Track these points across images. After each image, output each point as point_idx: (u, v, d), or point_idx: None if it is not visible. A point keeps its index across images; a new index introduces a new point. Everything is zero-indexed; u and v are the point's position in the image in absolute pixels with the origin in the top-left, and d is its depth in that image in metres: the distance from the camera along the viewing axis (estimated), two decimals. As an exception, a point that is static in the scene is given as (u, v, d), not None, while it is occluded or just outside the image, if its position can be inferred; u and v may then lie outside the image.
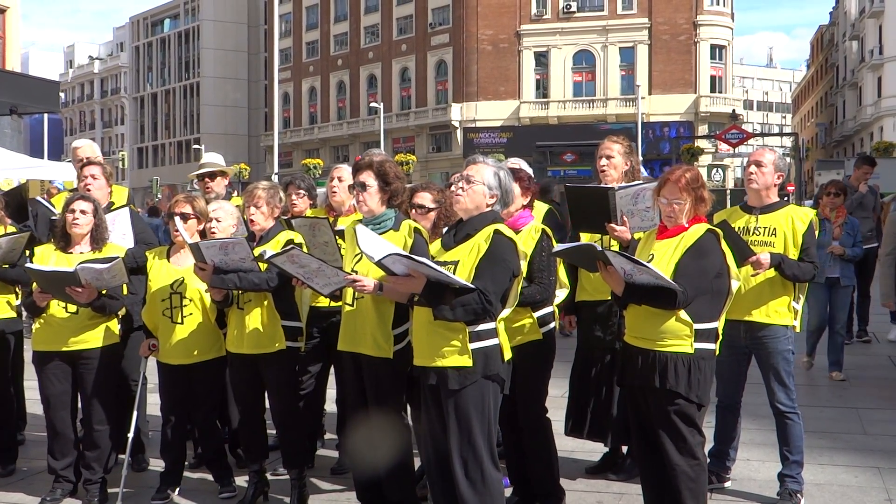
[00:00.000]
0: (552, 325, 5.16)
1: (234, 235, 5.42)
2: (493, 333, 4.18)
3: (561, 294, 5.24)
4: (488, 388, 4.17)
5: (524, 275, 4.88)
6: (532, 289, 4.90)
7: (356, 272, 4.53)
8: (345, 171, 6.00)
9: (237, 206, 5.86)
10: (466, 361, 4.11)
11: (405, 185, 4.99)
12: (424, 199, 5.37)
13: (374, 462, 4.77)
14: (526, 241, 4.95)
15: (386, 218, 4.78)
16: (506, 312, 4.25)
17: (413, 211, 5.28)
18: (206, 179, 6.68)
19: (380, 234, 4.66)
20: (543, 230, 5.04)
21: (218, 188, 6.65)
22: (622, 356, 4.52)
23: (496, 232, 4.16)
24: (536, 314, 5.03)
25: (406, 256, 4.04)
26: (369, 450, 4.79)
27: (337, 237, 5.57)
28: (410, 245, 4.64)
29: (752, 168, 5.29)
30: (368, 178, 4.76)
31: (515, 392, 4.92)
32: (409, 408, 5.02)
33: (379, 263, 4.10)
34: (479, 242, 4.17)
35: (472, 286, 4.04)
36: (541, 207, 5.70)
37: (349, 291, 4.78)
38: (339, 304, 5.11)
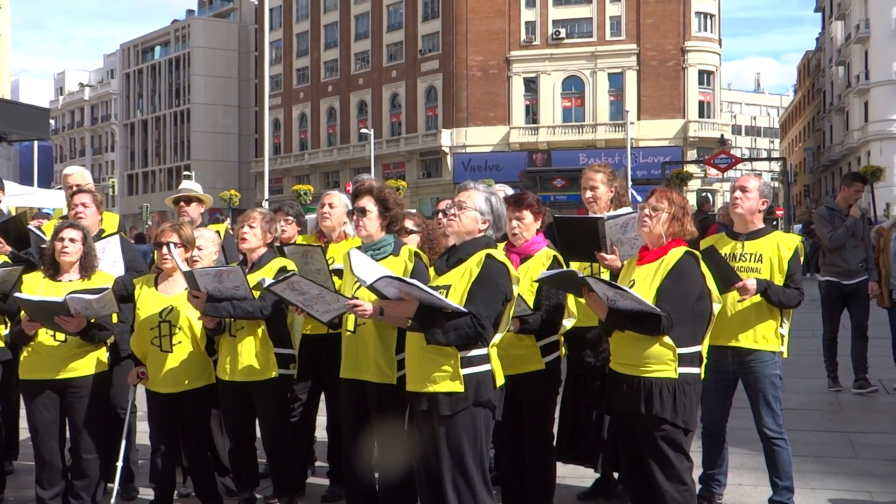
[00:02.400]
0: (557, 354, 5.16)
1: (219, 263, 5.43)
2: (486, 359, 4.18)
3: (568, 323, 5.24)
4: (480, 414, 4.16)
5: (532, 302, 4.90)
6: (538, 317, 4.89)
7: (357, 298, 4.53)
8: (335, 197, 6.02)
9: (218, 231, 5.89)
10: (458, 387, 4.11)
11: (404, 212, 5.03)
12: (406, 222, 5.44)
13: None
14: (537, 268, 4.96)
15: (385, 243, 4.80)
16: (498, 337, 4.25)
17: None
18: (182, 204, 6.72)
19: (379, 259, 4.70)
20: (555, 256, 5.05)
21: (193, 213, 6.69)
22: (609, 383, 4.52)
23: (488, 256, 4.18)
24: (541, 343, 5.03)
25: (398, 279, 4.05)
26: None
27: (329, 265, 5.58)
28: (411, 269, 4.66)
29: (738, 193, 5.33)
30: (368, 203, 4.78)
31: (522, 418, 4.93)
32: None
33: (371, 287, 4.12)
34: (472, 267, 4.18)
35: (465, 310, 4.04)
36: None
37: (350, 318, 4.79)
38: (334, 331, 5.12)
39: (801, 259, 5.33)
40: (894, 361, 9.40)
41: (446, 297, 4.14)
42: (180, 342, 5.34)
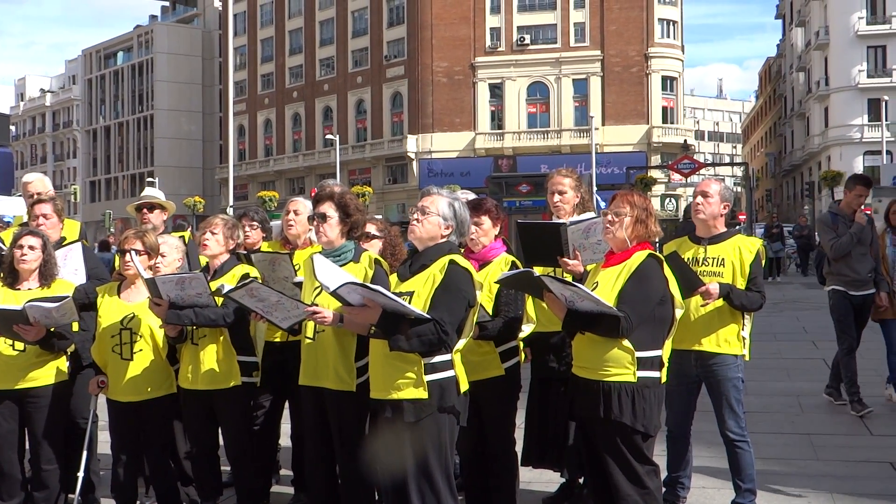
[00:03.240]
0: (516, 359, 5.17)
1: (183, 270, 5.39)
2: (449, 365, 4.17)
3: (527, 328, 5.26)
4: (444, 420, 4.15)
5: (491, 308, 4.91)
6: (497, 322, 4.91)
7: (316, 304, 4.52)
8: (300, 204, 6.00)
9: (182, 236, 5.85)
10: (422, 394, 4.10)
11: (365, 218, 5.02)
12: (369, 227, 5.46)
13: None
14: (495, 273, 4.96)
15: (346, 249, 4.79)
16: (461, 343, 4.25)
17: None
18: (144, 211, 6.67)
19: (340, 265, 4.68)
20: (514, 262, 5.06)
21: (155, 220, 6.64)
22: (571, 387, 4.54)
23: (451, 262, 4.18)
24: (500, 348, 5.04)
25: (361, 286, 4.04)
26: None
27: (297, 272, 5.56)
28: (371, 276, 4.64)
29: (699, 199, 5.38)
30: (329, 209, 4.77)
31: (483, 425, 4.93)
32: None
33: (334, 293, 4.10)
34: (434, 273, 4.18)
35: (428, 316, 4.04)
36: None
37: (310, 325, 4.77)
38: (294, 337, 5.09)
39: (763, 262, 5.39)
40: (889, 375, 8.83)
41: (409, 303, 4.14)
42: (142, 350, 5.29)
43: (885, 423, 7.99)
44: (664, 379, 4.31)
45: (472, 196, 5.85)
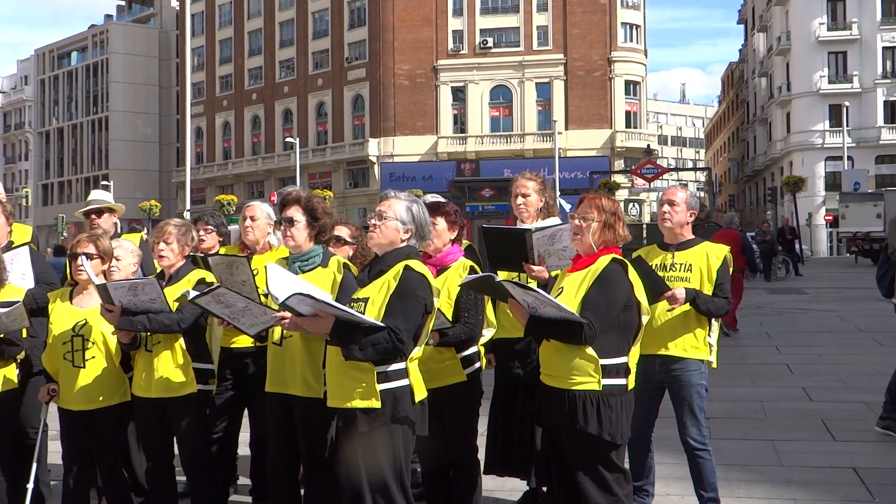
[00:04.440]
0: (477, 365, 5.17)
1: (138, 275, 5.32)
2: (403, 374, 4.14)
3: (488, 333, 5.24)
4: (398, 431, 4.12)
5: (451, 314, 4.90)
6: (458, 329, 4.90)
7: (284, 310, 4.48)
8: (257, 209, 5.96)
9: (141, 237, 5.79)
10: (375, 403, 4.07)
11: (333, 222, 5.00)
12: (342, 231, 5.43)
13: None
14: (454, 279, 4.96)
15: (314, 254, 4.78)
16: (417, 351, 4.22)
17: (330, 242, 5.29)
18: (93, 216, 6.58)
19: (307, 270, 4.70)
20: (472, 267, 5.06)
21: (105, 225, 6.56)
22: (538, 395, 4.52)
23: (406, 268, 4.15)
24: (461, 354, 5.03)
25: (309, 296, 3.99)
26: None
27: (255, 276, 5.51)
28: (340, 281, 4.65)
29: (666, 207, 5.43)
30: (296, 213, 4.76)
31: (445, 433, 4.91)
32: None
33: (283, 305, 4.06)
34: (389, 279, 4.15)
35: (382, 325, 4.01)
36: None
37: (277, 330, 4.75)
38: (261, 344, 5.06)
39: (730, 269, 5.44)
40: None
41: (364, 310, 4.12)
42: (94, 357, 5.20)
43: (848, 427, 8.08)
44: (631, 385, 4.30)
45: (441, 200, 5.84)
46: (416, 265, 4.19)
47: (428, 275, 4.21)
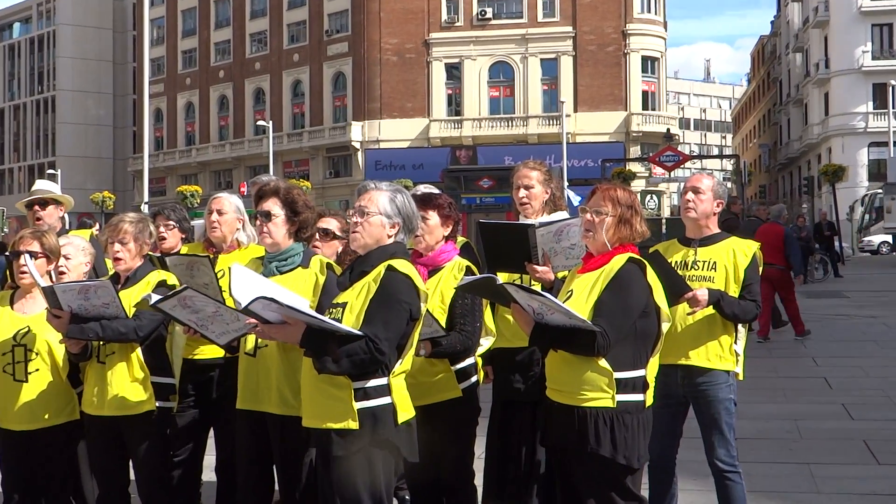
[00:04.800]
0: (474, 379, 5.18)
1: (89, 276, 5.31)
2: (385, 391, 4.12)
3: (486, 343, 5.24)
4: (378, 456, 4.10)
5: (445, 321, 4.89)
6: (453, 338, 4.89)
7: None
8: (225, 201, 5.95)
9: (91, 234, 5.78)
10: (351, 424, 4.06)
11: (315, 216, 5.00)
12: (330, 223, 5.44)
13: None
14: (448, 281, 4.97)
15: (293, 253, 4.80)
16: (402, 364, 4.20)
17: (316, 236, 5.29)
18: (37, 208, 6.57)
19: (286, 271, 4.73)
20: (468, 268, 5.06)
21: (50, 219, 6.55)
22: (544, 412, 4.52)
23: (388, 268, 4.14)
24: (455, 367, 5.03)
25: (273, 301, 3.97)
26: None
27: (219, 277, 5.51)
28: (322, 283, 4.68)
29: (689, 195, 5.42)
30: (274, 206, 4.78)
31: (437, 456, 4.91)
32: None
33: (246, 310, 4.06)
34: (369, 282, 4.15)
35: (360, 333, 4.01)
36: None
37: (250, 339, 4.75)
38: (232, 355, 5.06)
39: (759, 268, 5.44)
40: None
41: (342, 316, 4.11)
42: (38, 370, 5.19)
43: (893, 450, 8.09)
44: (650, 402, 4.30)
45: (435, 191, 5.84)
46: (401, 265, 4.17)
47: (414, 275, 4.20)
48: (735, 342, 5.38)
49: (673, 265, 5.27)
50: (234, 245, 5.95)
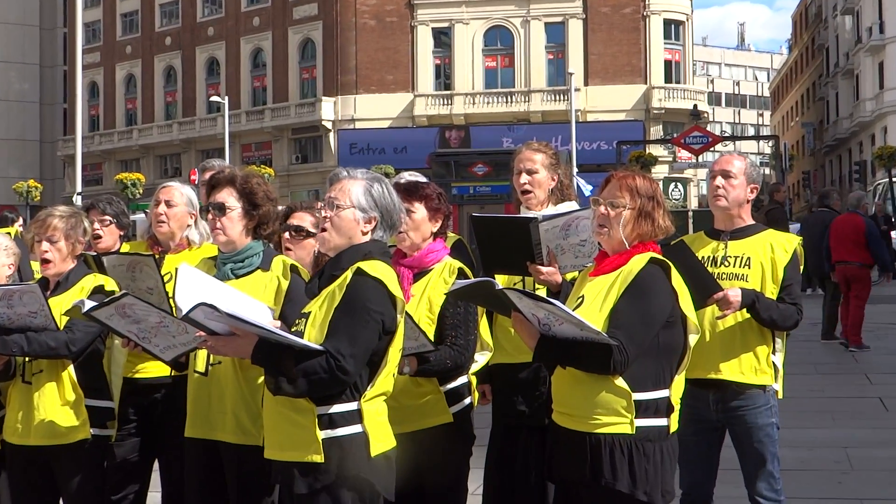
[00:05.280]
0: (468, 401, 5.18)
1: (13, 280, 5.30)
2: (354, 417, 4.11)
3: (482, 359, 5.24)
4: (345, 496, 4.09)
5: (433, 333, 4.88)
6: (442, 353, 4.89)
7: None
8: (175, 191, 5.97)
9: (15, 231, 5.77)
10: (315, 457, 4.06)
11: (277, 209, 4.99)
12: (303, 220, 5.43)
13: None
14: (436, 285, 4.97)
15: (252, 253, 4.80)
16: (376, 386, 4.18)
17: (286, 235, 5.29)
18: None
19: (243, 274, 4.73)
20: (461, 270, 5.06)
21: None
22: (550, 439, 4.53)
23: (357, 271, 4.12)
24: (446, 387, 5.03)
25: (213, 307, 3.96)
26: None
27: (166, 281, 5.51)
28: (286, 289, 4.67)
29: (719, 180, 5.42)
30: (229, 198, 4.78)
31: (425, 488, 4.91)
32: None
33: (186, 319, 4.05)
34: (335, 288, 4.15)
35: (320, 348, 4.00)
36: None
37: (201, 355, 4.74)
38: (179, 373, 5.06)
39: (801, 266, 5.44)
40: None
41: (304, 329, 4.11)
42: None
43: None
44: (674, 427, 4.31)
45: (421, 179, 5.84)
46: (372, 267, 4.15)
47: (387, 279, 4.17)
48: (773, 353, 5.39)
49: (698, 258, 5.26)
50: (184, 244, 5.95)
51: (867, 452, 9.22)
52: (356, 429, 4.12)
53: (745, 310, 5.24)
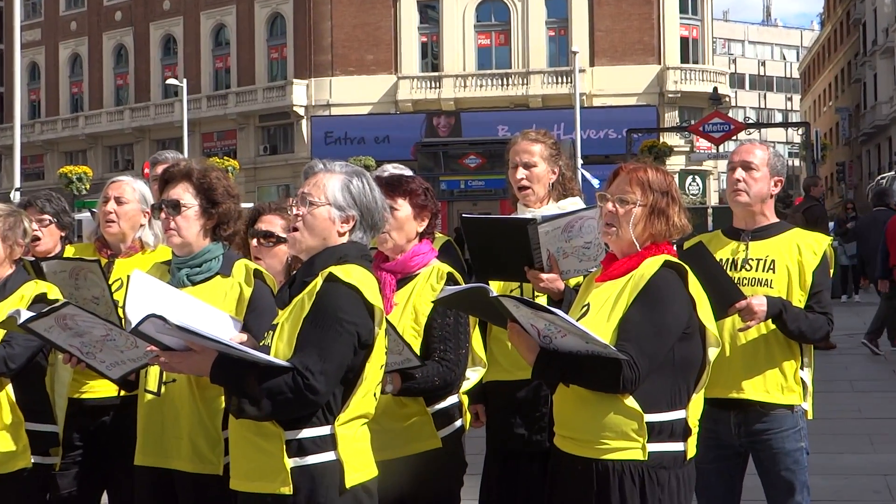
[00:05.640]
0: (459, 423, 5.19)
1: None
2: (327, 444, 4.09)
3: (474, 375, 5.25)
4: None
5: (419, 347, 4.89)
6: (430, 369, 4.90)
7: None
8: (125, 187, 5.95)
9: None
10: (283, 488, 4.05)
11: (239, 207, 4.98)
12: (273, 224, 5.41)
13: None
14: (422, 293, 4.98)
15: (210, 256, 4.80)
16: (351, 409, 4.14)
17: (254, 242, 5.31)
18: None
19: (200, 280, 4.72)
20: (450, 275, 5.07)
21: None
22: (551, 466, 4.54)
23: (329, 277, 4.10)
24: (433, 408, 5.04)
25: (163, 319, 3.93)
26: None
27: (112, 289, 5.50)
28: (249, 297, 4.67)
29: (739, 173, 5.42)
30: (185, 194, 4.77)
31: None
32: None
33: (135, 332, 4.05)
34: (304, 296, 4.13)
35: (287, 364, 3.99)
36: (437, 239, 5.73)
37: (153, 372, 4.73)
38: (128, 393, 5.06)
39: (832, 270, 5.44)
40: None
41: (272, 343, 4.11)
42: None
43: None
44: (692, 453, 4.31)
45: (406, 172, 5.83)
46: (345, 272, 4.12)
47: (364, 286, 4.14)
48: (801, 368, 5.39)
49: (717, 261, 5.25)
50: (137, 246, 5.93)
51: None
52: (329, 456, 4.10)
53: (769, 320, 5.24)
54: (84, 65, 76.43)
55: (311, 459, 4.07)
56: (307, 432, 4.07)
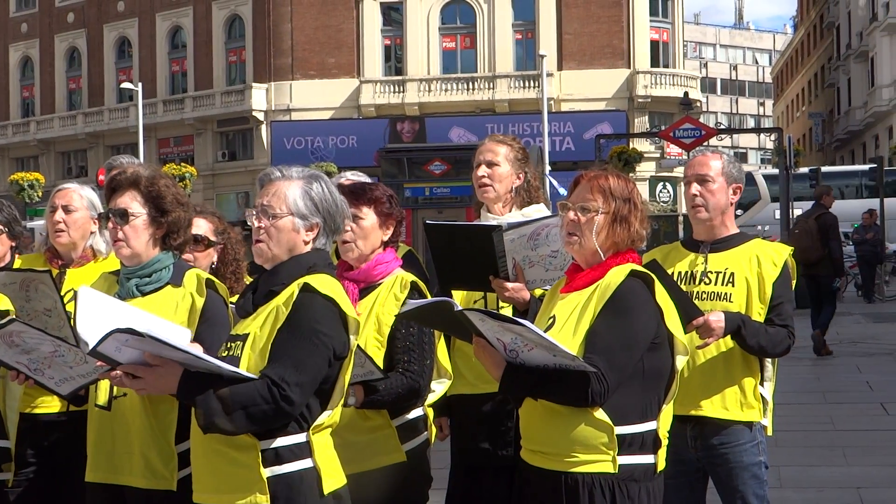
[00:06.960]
0: (423, 436, 5.20)
1: None
2: (304, 451, 4.12)
3: (439, 388, 5.26)
4: None
5: (382, 359, 4.89)
6: (393, 381, 4.91)
7: None
8: (74, 194, 5.94)
9: None
10: (260, 498, 4.06)
11: (190, 215, 4.97)
12: (199, 226, 5.41)
13: None
14: (386, 303, 4.99)
15: (160, 266, 4.77)
16: (328, 416, 4.19)
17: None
18: None
19: (150, 291, 4.69)
20: (414, 285, 5.08)
21: None
22: (519, 481, 4.54)
23: (304, 287, 4.12)
24: (398, 421, 5.05)
25: (133, 332, 3.91)
26: None
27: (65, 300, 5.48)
28: (201, 308, 4.65)
29: (695, 188, 5.42)
30: (133, 202, 4.74)
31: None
32: None
33: (94, 353, 4.03)
34: (279, 305, 4.14)
35: (253, 376, 4.00)
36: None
37: (103, 386, 4.71)
38: (77, 408, 5.03)
39: (794, 281, 5.46)
40: None
41: (241, 353, 4.12)
42: None
43: None
44: (662, 465, 4.33)
45: (368, 179, 5.84)
46: (321, 282, 4.15)
47: (339, 298, 4.18)
48: (761, 384, 5.41)
49: (675, 278, 5.30)
50: (89, 255, 5.92)
51: (883, 493, 9.27)
52: (306, 463, 4.12)
53: (729, 336, 5.25)
54: (35, 68, 76.05)
55: (289, 467, 4.09)
56: (283, 440, 4.09)
